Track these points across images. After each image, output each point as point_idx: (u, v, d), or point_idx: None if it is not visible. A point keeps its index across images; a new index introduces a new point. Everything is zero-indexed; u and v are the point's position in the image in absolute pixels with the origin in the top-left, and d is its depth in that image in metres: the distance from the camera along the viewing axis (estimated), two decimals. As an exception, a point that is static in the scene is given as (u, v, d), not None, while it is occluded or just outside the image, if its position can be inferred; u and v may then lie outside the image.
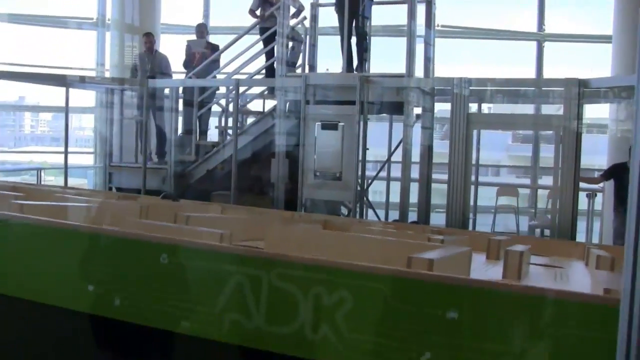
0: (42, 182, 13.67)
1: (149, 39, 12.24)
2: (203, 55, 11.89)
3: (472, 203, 9.81)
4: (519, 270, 4.91)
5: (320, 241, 5.24)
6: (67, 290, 4.91)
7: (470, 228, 9.44)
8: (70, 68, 15.87)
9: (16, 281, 5.22)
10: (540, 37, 15.88)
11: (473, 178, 9.96)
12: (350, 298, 3.77)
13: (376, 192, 11.49)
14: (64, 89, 11.19)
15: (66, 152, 11.31)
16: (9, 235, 5.41)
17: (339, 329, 3.78)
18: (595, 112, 14.34)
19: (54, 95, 14.36)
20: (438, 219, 10.10)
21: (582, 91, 8.52)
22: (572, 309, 3.43)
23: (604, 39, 14.34)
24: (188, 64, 12.11)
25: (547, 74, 15.64)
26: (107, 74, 15.25)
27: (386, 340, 3.70)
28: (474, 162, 9.80)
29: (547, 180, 13.07)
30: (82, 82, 12.25)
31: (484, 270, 5.35)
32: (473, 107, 9.75)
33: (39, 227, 5.18)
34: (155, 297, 4.47)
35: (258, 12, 11.36)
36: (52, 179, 15.95)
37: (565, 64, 16.43)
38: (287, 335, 3.97)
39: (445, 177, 9.16)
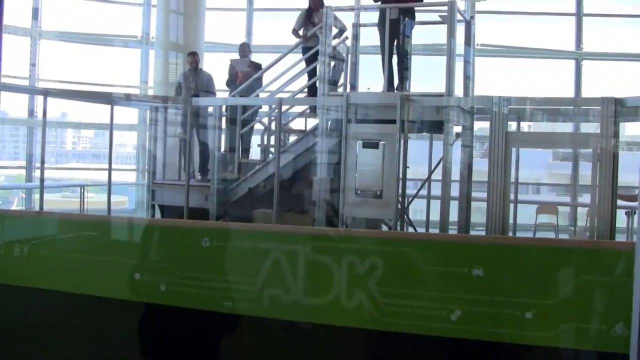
0: (85, 199, 13.93)
1: (194, 57, 12.45)
2: (245, 73, 12.06)
3: (511, 221, 9.84)
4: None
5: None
6: (115, 280, 5.08)
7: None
8: (114, 85, 16.22)
9: (61, 275, 5.39)
10: (578, 56, 15.90)
11: (512, 196, 9.99)
12: (381, 264, 3.88)
13: (416, 210, 11.56)
14: (106, 106, 11.39)
15: (110, 169, 11.49)
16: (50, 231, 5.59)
17: (373, 295, 3.90)
18: (633, 130, 14.35)
19: (95, 112, 14.67)
20: (477, 236, 10.16)
21: (618, 109, 8.55)
22: (591, 255, 3.51)
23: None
24: (231, 83, 12.31)
25: (585, 92, 15.66)
26: (150, 92, 15.53)
27: (418, 302, 3.81)
28: (513, 180, 9.83)
29: (586, 198, 13.07)
30: (127, 99, 12.48)
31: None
32: (512, 126, 9.81)
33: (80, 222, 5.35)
34: (198, 279, 4.64)
35: (301, 32, 11.55)
36: (93, 196, 16.21)
37: (603, 82, 16.38)
38: (324, 305, 4.10)
39: (484, 195, 9.21)
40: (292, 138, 11.62)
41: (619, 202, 8.83)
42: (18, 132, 21.72)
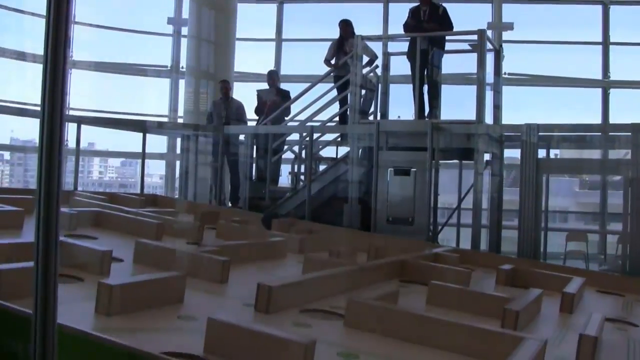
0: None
1: (225, 85, 12.61)
2: (273, 102, 12.21)
3: (542, 249, 9.85)
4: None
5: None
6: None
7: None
8: (144, 115, 16.40)
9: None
10: (605, 84, 15.94)
11: (543, 224, 10.00)
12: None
13: (446, 240, 11.58)
14: (135, 135, 11.58)
15: (141, 197, 11.60)
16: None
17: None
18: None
19: (123, 142, 14.84)
20: (508, 265, 10.13)
21: (648, 135, 8.58)
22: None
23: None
24: (258, 111, 12.46)
25: (613, 120, 15.69)
26: (180, 120, 15.72)
27: None
28: (543, 207, 9.85)
29: (615, 226, 13.03)
30: (159, 127, 12.65)
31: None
32: (541, 153, 9.84)
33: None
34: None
35: (333, 62, 11.70)
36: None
37: (631, 110, 16.39)
38: None
39: (513, 223, 9.21)
40: (323, 166, 11.70)
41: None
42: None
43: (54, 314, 1.90)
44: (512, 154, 10.68)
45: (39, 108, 1.89)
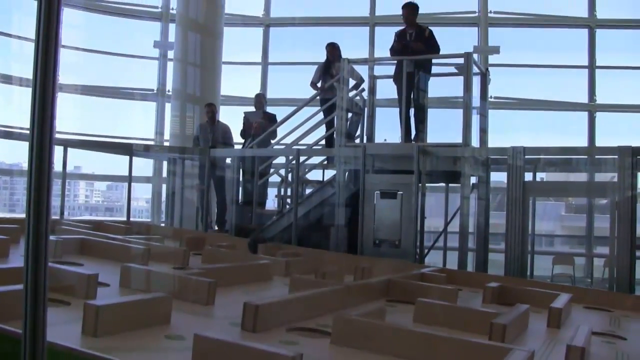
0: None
1: (211, 108, 12.60)
2: (260, 125, 12.19)
3: (528, 272, 9.82)
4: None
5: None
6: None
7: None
8: (130, 138, 16.39)
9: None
10: (591, 107, 16.02)
11: (529, 247, 9.98)
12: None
13: (433, 262, 11.53)
14: (121, 159, 11.54)
15: (128, 221, 11.56)
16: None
17: None
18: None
19: (109, 165, 14.80)
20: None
21: (636, 159, 8.59)
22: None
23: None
24: (245, 134, 12.44)
25: (600, 143, 15.75)
26: (166, 144, 15.69)
27: None
28: (530, 231, 9.83)
29: (602, 250, 13.03)
30: (146, 150, 12.61)
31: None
32: (527, 176, 9.83)
33: None
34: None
35: (319, 85, 11.70)
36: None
37: (617, 133, 16.49)
38: None
39: (499, 246, 9.19)
40: (309, 189, 11.67)
41: (638, 253, 8.77)
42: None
43: (44, 335, 1.89)
44: (499, 177, 10.69)
45: (25, 131, 1.87)
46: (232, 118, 13.80)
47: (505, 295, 6.58)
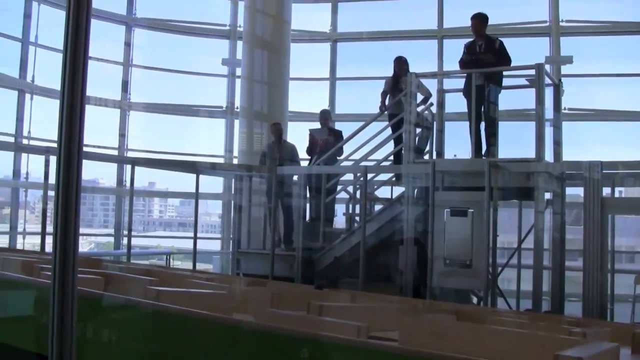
0: (170, 266, 14.07)
1: (277, 127, 12.56)
2: (325, 142, 12.07)
3: (608, 291, 9.43)
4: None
5: (457, 333, 5.02)
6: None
7: (608, 318, 9.03)
8: (200, 155, 16.52)
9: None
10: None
11: (609, 265, 9.59)
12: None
13: (506, 280, 11.23)
14: (193, 175, 11.59)
15: (195, 238, 11.63)
16: (143, 323, 5.39)
17: None
18: None
19: (182, 181, 14.91)
20: (571, 308, 9.76)
21: None
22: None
23: None
24: (310, 151, 12.34)
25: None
26: (235, 161, 15.73)
27: None
28: (609, 248, 9.46)
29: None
30: (212, 168, 12.64)
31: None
32: (605, 190, 9.47)
33: (174, 316, 5.16)
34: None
35: (388, 97, 11.58)
36: (179, 263, 16.43)
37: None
38: None
39: (576, 264, 8.86)
40: (378, 207, 11.50)
41: None
42: (108, 201, 22.39)
43: None
44: (574, 191, 10.33)
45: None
46: (299, 135, 13.76)
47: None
